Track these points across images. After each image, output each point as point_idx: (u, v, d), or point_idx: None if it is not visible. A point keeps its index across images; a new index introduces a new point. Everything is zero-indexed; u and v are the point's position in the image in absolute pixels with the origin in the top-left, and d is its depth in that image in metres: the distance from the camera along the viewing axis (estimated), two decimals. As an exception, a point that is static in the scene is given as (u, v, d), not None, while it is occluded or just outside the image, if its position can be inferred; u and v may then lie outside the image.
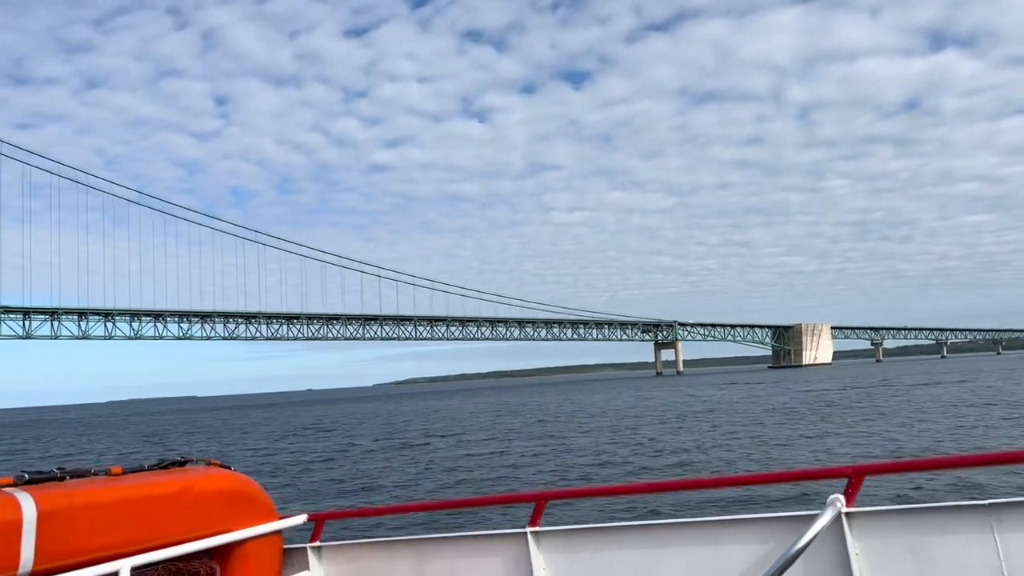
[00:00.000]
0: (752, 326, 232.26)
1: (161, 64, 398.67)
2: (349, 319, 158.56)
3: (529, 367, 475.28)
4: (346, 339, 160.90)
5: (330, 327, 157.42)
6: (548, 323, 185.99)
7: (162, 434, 66.35)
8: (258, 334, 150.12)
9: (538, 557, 4.57)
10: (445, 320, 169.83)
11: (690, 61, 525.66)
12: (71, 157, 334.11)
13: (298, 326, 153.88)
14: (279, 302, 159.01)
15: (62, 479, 4.16)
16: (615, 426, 42.55)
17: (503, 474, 24.28)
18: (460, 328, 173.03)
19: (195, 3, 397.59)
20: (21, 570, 3.74)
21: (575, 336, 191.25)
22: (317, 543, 5.26)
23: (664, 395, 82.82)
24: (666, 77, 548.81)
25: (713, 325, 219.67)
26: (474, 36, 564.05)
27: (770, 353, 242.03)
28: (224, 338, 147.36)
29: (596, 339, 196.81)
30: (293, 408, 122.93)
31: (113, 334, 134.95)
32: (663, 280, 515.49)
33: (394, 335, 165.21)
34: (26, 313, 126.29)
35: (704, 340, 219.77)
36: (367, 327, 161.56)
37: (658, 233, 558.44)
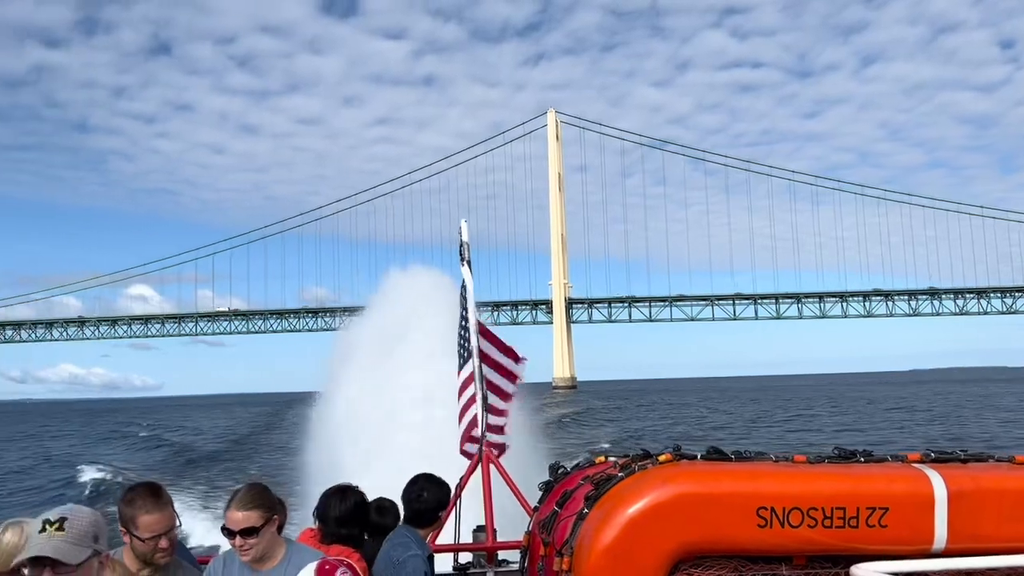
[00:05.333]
0: None
1: (935, 22, 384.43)
2: None
3: None
4: None
5: None
6: None
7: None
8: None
9: None
10: None
11: None
12: (854, 134, 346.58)
13: None
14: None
15: (965, 461, 4.21)
16: None
17: None
18: None
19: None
20: (935, 546, 3.88)
21: None
22: None
23: None
24: None
25: None
26: None
27: None
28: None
29: None
30: None
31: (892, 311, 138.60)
32: None
33: None
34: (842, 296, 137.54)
35: None
36: None
37: None
